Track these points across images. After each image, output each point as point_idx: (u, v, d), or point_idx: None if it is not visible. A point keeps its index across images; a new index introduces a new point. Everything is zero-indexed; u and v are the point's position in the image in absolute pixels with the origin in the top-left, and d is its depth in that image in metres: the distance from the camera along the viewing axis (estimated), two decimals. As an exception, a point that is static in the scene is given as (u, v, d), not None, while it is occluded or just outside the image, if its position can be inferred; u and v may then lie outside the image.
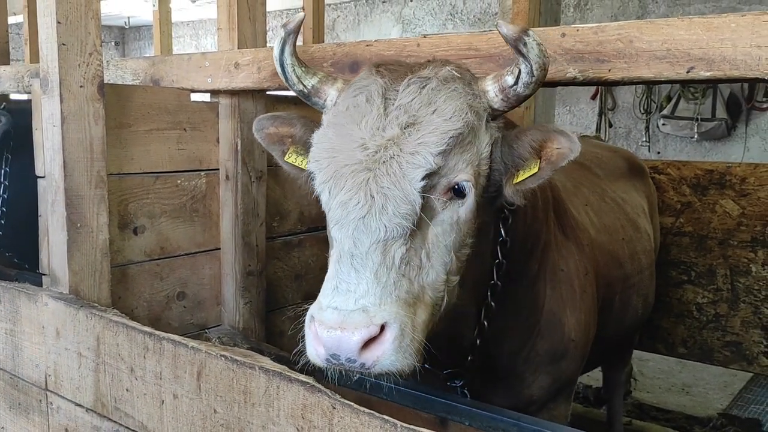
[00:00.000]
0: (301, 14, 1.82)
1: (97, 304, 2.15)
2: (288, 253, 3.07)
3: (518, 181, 1.69)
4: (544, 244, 2.10)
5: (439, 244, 1.59)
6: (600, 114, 7.67)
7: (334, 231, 1.57)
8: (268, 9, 2.83)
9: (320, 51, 2.26)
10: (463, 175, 1.59)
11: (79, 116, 2.18)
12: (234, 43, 2.64)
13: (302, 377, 1.55)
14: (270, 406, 1.59)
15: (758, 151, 6.87)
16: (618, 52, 1.63)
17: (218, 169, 2.77)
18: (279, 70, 1.84)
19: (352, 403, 1.44)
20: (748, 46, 1.45)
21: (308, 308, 1.52)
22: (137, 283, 2.53)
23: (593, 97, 7.80)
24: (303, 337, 1.53)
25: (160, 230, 2.59)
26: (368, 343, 1.42)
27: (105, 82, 2.37)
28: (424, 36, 2.01)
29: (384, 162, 1.53)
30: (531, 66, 1.56)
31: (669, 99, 7.17)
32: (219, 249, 2.80)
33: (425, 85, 1.61)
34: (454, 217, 1.61)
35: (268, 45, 2.70)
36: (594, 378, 4.86)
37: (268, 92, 2.73)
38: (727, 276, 3.94)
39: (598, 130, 7.54)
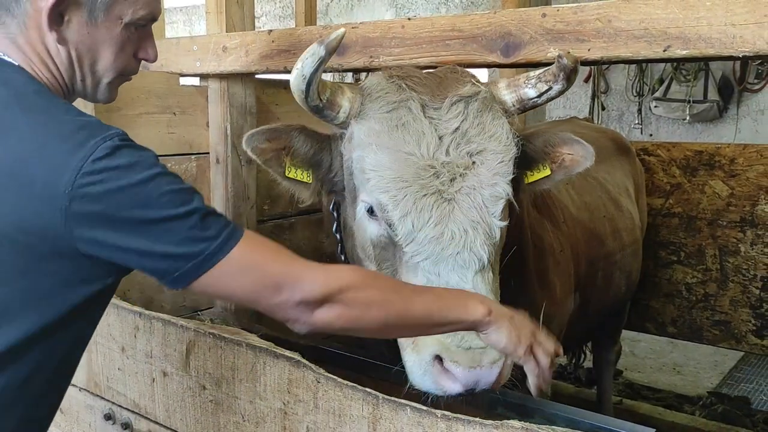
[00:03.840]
0: (342, 30, 1.61)
1: (88, 286, 2.18)
2: (279, 236, 3.09)
3: (531, 181, 1.78)
4: (515, 221, 2.15)
5: (497, 257, 1.69)
6: (593, 97, 7.68)
7: (425, 264, 1.58)
8: (256, -7, 2.84)
9: (307, 34, 2.27)
10: (511, 185, 1.66)
11: (68, 100, 2.19)
12: (222, 27, 2.65)
13: (288, 353, 1.59)
14: (257, 382, 1.62)
15: (749, 132, 6.89)
16: (597, 32, 1.65)
17: (208, 153, 2.79)
18: (303, 87, 1.64)
19: (335, 377, 1.48)
20: (723, 24, 1.47)
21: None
22: (129, 265, 2.55)
23: (586, 80, 7.79)
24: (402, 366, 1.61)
25: (151, 213, 2.60)
26: None
27: (94, 66, 2.39)
28: (409, 18, 2.03)
29: (467, 194, 1.57)
30: (567, 87, 1.66)
31: (661, 81, 7.17)
32: (210, 232, 2.82)
33: (468, 105, 1.65)
34: (504, 229, 1.69)
35: (256, 29, 2.71)
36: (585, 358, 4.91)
37: (257, 76, 2.75)
38: (716, 256, 3.98)
39: (590, 113, 7.54)
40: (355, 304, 1.30)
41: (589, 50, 1.67)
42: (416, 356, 1.56)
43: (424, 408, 1.36)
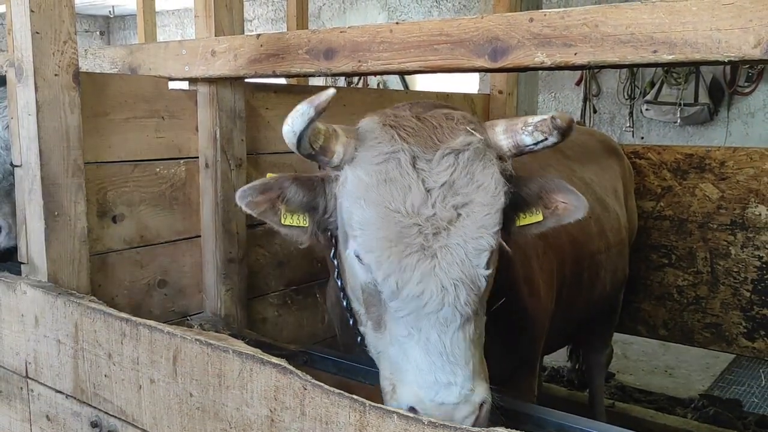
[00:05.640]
0: (332, 90, 1.58)
1: (75, 292, 2.16)
2: (270, 240, 3.08)
3: (522, 224, 1.78)
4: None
5: (482, 302, 1.69)
6: (584, 100, 7.71)
7: (408, 318, 1.59)
8: (246, -4, 2.83)
9: (295, 38, 2.27)
10: (498, 234, 1.65)
11: (54, 105, 2.18)
12: (211, 31, 2.64)
13: (274, 360, 1.57)
14: (244, 389, 1.61)
15: (740, 135, 6.93)
16: (584, 37, 1.65)
17: (197, 157, 2.77)
18: (294, 142, 1.65)
19: (322, 384, 1.47)
20: (708, 29, 1.47)
21: None
22: (117, 271, 2.54)
23: (578, 83, 7.83)
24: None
25: (140, 218, 2.60)
26: None
27: (83, 70, 2.37)
28: (397, 23, 2.03)
29: (448, 248, 1.56)
30: (562, 140, 1.67)
31: (652, 84, 7.21)
32: (199, 236, 2.81)
33: (458, 156, 1.63)
34: (491, 274, 1.69)
35: (248, 32, 2.71)
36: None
37: (246, 80, 2.74)
38: (707, 259, 4.00)
39: (582, 115, 7.57)
40: None
41: (575, 54, 1.67)
42: (395, 404, 1.60)
43: (411, 415, 1.35)
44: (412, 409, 1.53)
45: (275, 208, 1.80)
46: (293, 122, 1.60)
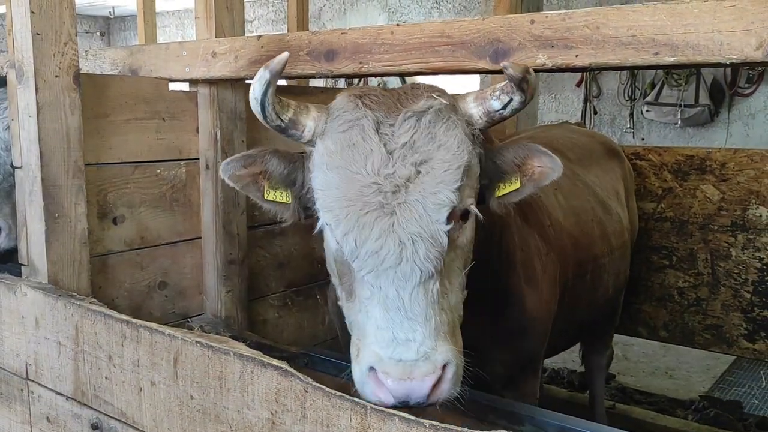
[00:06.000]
0: (285, 54, 1.66)
1: (75, 294, 2.16)
2: (270, 242, 3.08)
3: (501, 194, 1.78)
4: (502, 229, 2.16)
5: (455, 267, 1.68)
6: (585, 101, 7.71)
7: (368, 277, 1.59)
8: (246, -2, 2.83)
9: (296, 40, 2.26)
10: (469, 200, 1.67)
11: (55, 106, 2.18)
12: (211, 32, 2.64)
13: (276, 362, 1.57)
14: (245, 391, 1.61)
15: (740, 136, 6.93)
16: (585, 39, 1.65)
17: (198, 159, 2.77)
18: (258, 110, 1.71)
19: (323, 387, 1.47)
20: (710, 31, 1.47)
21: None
22: (118, 272, 2.54)
23: (578, 85, 7.83)
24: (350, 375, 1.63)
25: (140, 220, 2.59)
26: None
27: (84, 72, 2.37)
28: (398, 24, 2.03)
29: (407, 204, 1.56)
30: (526, 98, 1.65)
31: (653, 86, 7.21)
32: (200, 238, 2.81)
33: (421, 119, 1.64)
34: (463, 239, 1.69)
35: (249, 33, 2.70)
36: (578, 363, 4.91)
37: (246, 81, 2.74)
38: (708, 260, 3.99)
39: (583, 117, 7.57)
40: None
41: (577, 56, 1.66)
42: (357, 367, 1.59)
43: (413, 417, 1.34)
44: (371, 369, 1.53)
45: (258, 184, 1.86)
46: (253, 89, 1.67)
